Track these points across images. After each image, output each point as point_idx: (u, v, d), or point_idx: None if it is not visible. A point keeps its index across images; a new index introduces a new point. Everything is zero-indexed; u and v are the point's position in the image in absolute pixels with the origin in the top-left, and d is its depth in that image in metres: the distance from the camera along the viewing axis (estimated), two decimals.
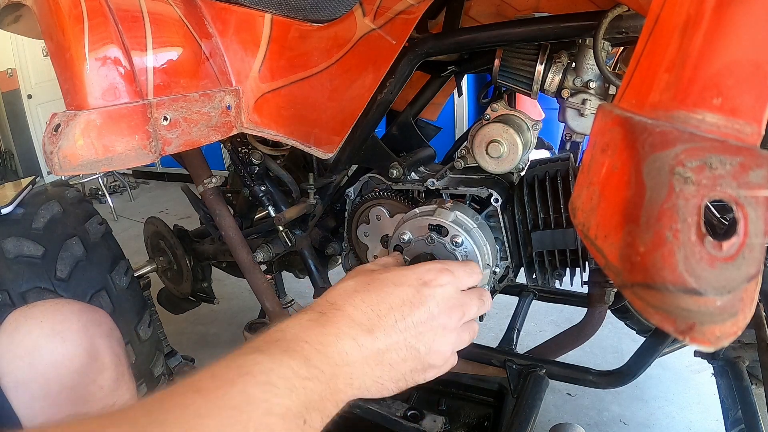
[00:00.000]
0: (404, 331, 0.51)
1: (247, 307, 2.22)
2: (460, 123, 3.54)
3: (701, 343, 0.31)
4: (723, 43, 0.30)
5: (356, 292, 0.52)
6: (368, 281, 0.53)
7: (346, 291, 0.53)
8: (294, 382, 0.40)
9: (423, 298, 0.53)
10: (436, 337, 0.53)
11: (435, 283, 0.54)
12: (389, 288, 0.52)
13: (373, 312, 0.50)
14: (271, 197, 1.13)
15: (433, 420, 0.86)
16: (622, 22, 0.68)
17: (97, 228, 1.23)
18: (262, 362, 0.40)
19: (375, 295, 0.51)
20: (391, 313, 0.51)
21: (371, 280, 0.54)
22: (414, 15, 0.79)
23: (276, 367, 0.40)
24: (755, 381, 1.08)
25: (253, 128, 0.93)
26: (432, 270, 0.56)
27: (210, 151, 1.14)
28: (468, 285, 0.60)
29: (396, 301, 0.51)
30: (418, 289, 0.53)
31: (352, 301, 0.51)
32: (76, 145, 0.70)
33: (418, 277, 0.54)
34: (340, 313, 0.49)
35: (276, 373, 0.39)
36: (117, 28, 0.75)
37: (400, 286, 0.53)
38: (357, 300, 0.51)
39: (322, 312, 0.49)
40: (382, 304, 0.51)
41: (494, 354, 1.00)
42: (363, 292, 0.52)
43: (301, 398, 0.40)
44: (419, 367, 0.53)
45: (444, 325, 0.54)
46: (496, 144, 0.83)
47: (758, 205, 0.29)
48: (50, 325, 0.66)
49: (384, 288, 0.52)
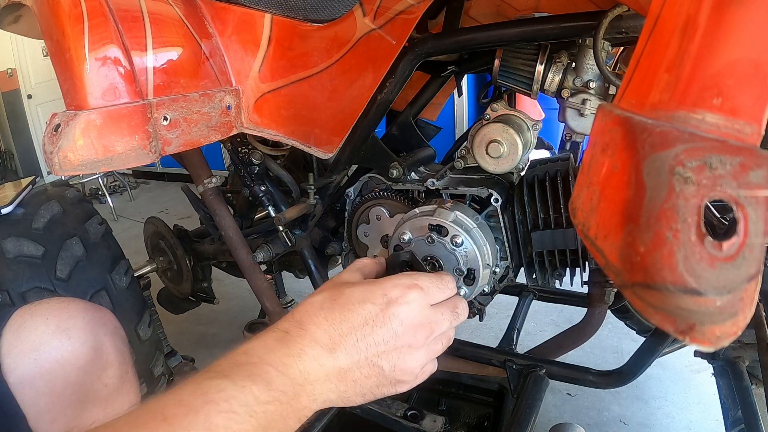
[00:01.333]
0: (366, 350, 0.50)
1: (247, 307, 2.22)
2: (460, 123, 3.54)
3: (701, 343, 0.31)
4: (723, 43, 0.30)
5: (321, 309, 0.52)
6: (335, 297, 0.53)
7: (312, 307, 0.52)
8: (255, 408, 0.42)
9: (386, 317, 0.52)
10: (400, 355, 0.52)
11: (401, 301, 0.53)
12: (353, 306, 0.51)
13: (335, 331, 0.50)
14: (271, 197, 1.13)
15: (433, 420, 0.86)
16: (622, 22, 0.68)
17: (97, 228, 1.23)
18: (225, 389, 0.42)
19: (338, 314, 0.51)
20: (353, 332, 0.50)
21: (338, 295, 0.53)
22: (414, 15, 0.79)
23: (238, 394, 0.42)
24: (755, 381, 1.08)
25: (253, 128, 0.93)
26: (399, 286, 0.54)
27: (210, 151, 1.14)
28: (439, 299, 0.57)
29: (358, 320, 0.51)
30: (382, 308, 0.52)
31: (315, 320, 0.51)
32: (76, 145, 0.70)
33: (384, 294, 0.53)
34: (303, 333, 0.49)
35: (238, 400, 0.41)
36: (117, 28, 0.75)
37: (364, 303, 0.52)
38: (320, 318, 0.51)
39: (287, 331, 0.50)
40: (344, 324, 0.50)
41: (494, 354, 1.00)
42: (327, 310, 0.51)
43: (261, 422, 0.42)
44: (385, 383, 0.53)
45: (409, 343, 0.52)
46: (496, 144, 0.83)
47: (758, 205, 0.29)
48: (56, 323, 0.67)
49: (348, 306, 0.51)
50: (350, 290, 0.53)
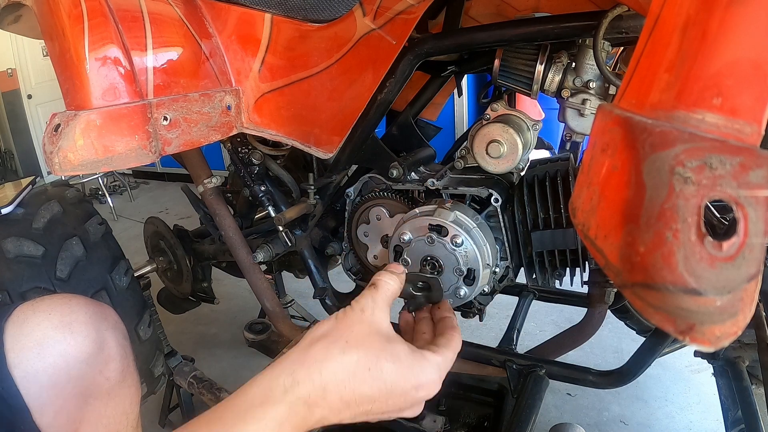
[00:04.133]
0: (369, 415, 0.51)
1: (247, 307, 2.22)
2: (460, 123, 3.54)
3: (701, 343, 0.31)
4: (723, 43, 0.30)
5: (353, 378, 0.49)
6: (370, 367, 0.50)
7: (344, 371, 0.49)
8: None
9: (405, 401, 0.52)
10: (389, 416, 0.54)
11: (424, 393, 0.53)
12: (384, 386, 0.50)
13: (354, 402, 0.49)
14: (271, 197, 1.13)
15: (433, 420, 0.86)
16: (622, 22, 0.68)
17: (97, 228, 1.23)
18: None
19: (368, 389, 0.49)
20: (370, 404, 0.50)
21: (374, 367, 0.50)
22: (414, 15, 0.79)
23: None
24: (755, 381, 1.08)
25: (253, 128, 0.93)
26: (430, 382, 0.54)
27: (210, 151, 1.14)
28: None
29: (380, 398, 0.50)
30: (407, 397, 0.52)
31: (341, 391, 0.48)
32: (76, 145, 0.70)
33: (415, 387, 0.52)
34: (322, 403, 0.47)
35: None
36: (117, 28, 0.75)
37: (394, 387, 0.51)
38: (348, 390, 0.49)
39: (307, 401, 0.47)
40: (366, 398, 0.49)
41: (494, 354, 1.00)
42: (359, 381, 0.49)
43: None
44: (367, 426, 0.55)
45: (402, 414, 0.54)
46: (496, 144, 0.83)
47: (758, 205, 0.29)
48: (58, 317, 0.67)
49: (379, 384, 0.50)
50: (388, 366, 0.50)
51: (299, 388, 0.47)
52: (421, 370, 0.53)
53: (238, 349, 1.90)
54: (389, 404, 0.51)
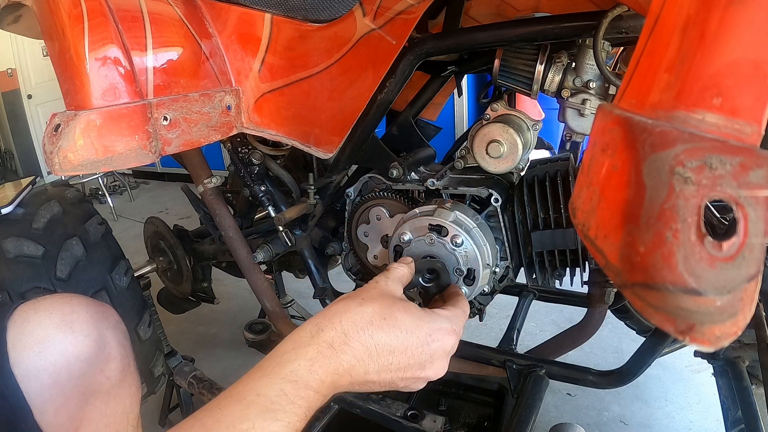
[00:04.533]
0: (395, 372, 0.56)
1: (247, 307, 2.22)
2: (460, 123, 3.54)
3: (701, 343, 0.31)
4: (723, 43, 0.30)
5: (370, 325, 0.55)
6: (385, 316, 0.56)
7: (362, 320, 0.55)
8: None
9: (423, 354, 0.57)
10: (417, 381, 0.59)
11: (440, 343, 0.59)
12: (400, 334, 0.56)
13: (375, 350, 0.54)
14: (271, 197, 1.13)
15: (433, 420, 0.86)
16: (622, 22, 0.68)
17: (97, 228, 1.23)
18: None
19: (385, 335, 0.55)
20: (391, 356, 0.55)
21: (388, 315, 0.56)
22: (414, 15, 0.79)
23: None
24: (755, 381, 1.08)
25: (253, 128, 0.93)
26: (443, 331, 0.59)
27: (210, 151, 1.14)
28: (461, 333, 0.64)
29: (399, 348, 0.56)
30: (423, 345, 0.57)
31: (361, 337, 0.54)
32: (76, 145, 0.70)
33: (429, 333, 0.58)
34: (346, 348, 0.53)
35: None
36: (117, 28, 0.75)
37: (410, 335, 0.56)
38: (366, 336, 0.54)
39: (331, 344, 0.52)
40: (386, 346, 0.55)
41: (494, 354, 1.00)
42: (376, 327, 0.55)
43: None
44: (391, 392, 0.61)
45: (428, 377, 0.59)
46: (496, 144, 0.83)
47: (758, 205, 0.29)
48: (59, 316, 0.68)
49: (396, 332, 0.56)
50: (402, 316, 0.57)
51: (323, 333, 0.53)
52: (433, 320, 0.59)
53: (238, 349, 1.90)
54: (409, 357, 0.56)
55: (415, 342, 0.56)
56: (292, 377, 0.49)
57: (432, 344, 0.58)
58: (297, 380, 0.49)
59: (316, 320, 0.55)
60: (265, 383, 0.48)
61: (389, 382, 0.56)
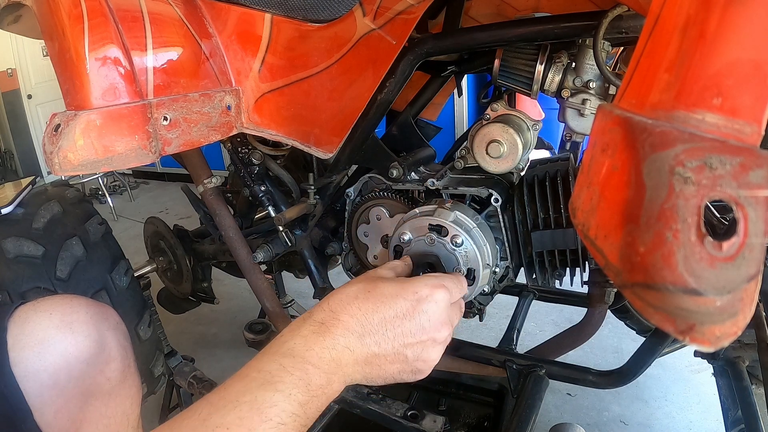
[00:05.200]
0: (394, 339, 0.56)
1: (247, 307, 2.22)
2: (460, 123, 3.54)
3: (701, 343, 0.31)
4: (723, 43, 0.30)
5: (355, 299, 0.56)
6: (369, 289, 0.57)
7: (347, 297, 0.57)
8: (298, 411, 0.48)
9: (416, 312, 0.57)
10: (425, 347, 0.58)
11: (430, 299, 0.58)
12: (386, 299, 0.56)
13: (366, 320, 0.55)
14: (271, 197, 1.13)
15: (433, 420, 0.86)
16: (622, 22, 0.68)
17: (97, 228, 1.23)
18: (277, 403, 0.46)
19: (371, 305, 0.56)
20: (384, 323, 0.55)
21: (372, 287, 0.58)
22: (414, 15, 0.79)
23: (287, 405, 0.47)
24: (755, 381, 1.08)
25: (253, 128, 0.93)
26: (428, 285, 0.59)
27: (210, 151, 1.14)
28: (457, 298, 0.64)
29: (390, 313, 0.56)
30: (413, 303, 0.57)
31: (349, 309, 0.55)
32: (76, 145, 0.70)
33: (414, 291, 0.58)
34: (336, 322, 0.54)
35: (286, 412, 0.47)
36: (117, 28, 0.75)
37: (396, 298, 0.57)
38: (354, 308, 0.55)
39: (323, 322, 0.54)
40: (376, 314, 0.55)
41: (494, 354, 1.00)
42: (362, 300, 0.56)
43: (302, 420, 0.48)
44: (407, 370, 0.58)
45: (433, 338, 0.58)
46: (496, 144, 0.83)
47: (758, 205, 0.29)
48: (59, 317, 0.68)
49: (381, 298, 0.56)
50: (384, 284, 0.58)
51: (313, 315, 0.56)
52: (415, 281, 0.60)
53: (238, 349, 1.90)
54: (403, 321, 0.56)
55: (404, 304, 0.57)
56: (290, 353, 0.51)
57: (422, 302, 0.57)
58: (294, 355, 0.50)
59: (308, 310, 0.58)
60: (265, 361, 0.50)
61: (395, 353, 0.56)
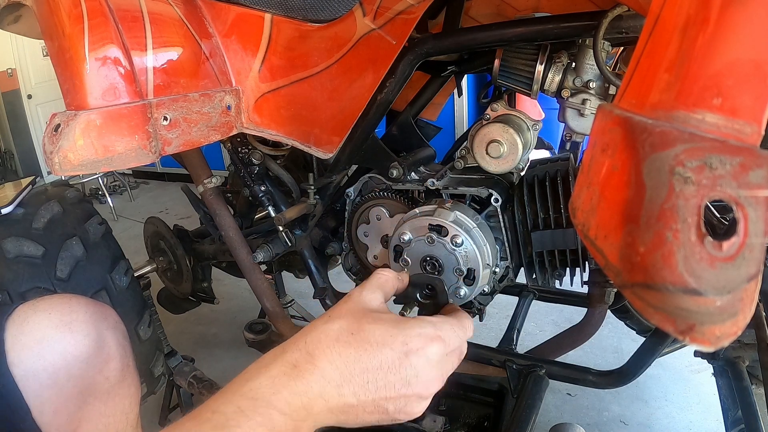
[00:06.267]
0: (375, 392, 0.49)
1: (247, 307, 2.22)
2: (460, 123, 3.54)
3: (701, 343, 0.31)
4: (723, 43, 0.30)
5: (336, 343, 0.49)
6: (354, 330, 0.50)
7: (327, 338, 0.50)
8: None
9: (403, 366, 0.50)
10: (408, 402, 0.51)
11: (421, 353, 0.51)
12: (371, 347, 0.50)
13: (347, 369, 0.48)
14: (271, 197, 1.13)
15: (433, 420, 0.86)
16: (622, 22, 0.68)
17: (97, 228, 1.23)
18: None
19: (354, 351, 0.49)
20: (365, 373, 0.49)
21: (357, 330, 0.50)
22: (414, 15, 0.79)
23: None
24: (755, 381, 1.08)
25: (253, 128, 0.93)
26: (421, 336, 0.52)
27: (210, 151, 1.14)
28: (455, 347, 0.56)
29: (373, 363, 0.49)
30: (400, 356, 0.50)
31: (328, 354, 0.49)
32: (76, 145, 0.70)
33: (405, 342, 0.51)
34: (312, 368, 0.48)
35: None
36: (117, 28, 0.75)
37: (382, 347, 0.50)
38: (334, 353, 0.49)
39: (296, 365, 0.48)
40: (358, 363, 0.49)
41: (494, 354, 1.00)
42: (343, 344, 0.49)
43: None
44: (386, 419, 0.52)
45: (419, 394, 0.51)
46: (496, 144, 0.83)
47: (758, 205, 0.29)
48: (58, 317, 0.68)
49: (365, 345, 0.50)
50: (371, 327, 0.51)
51: (286, 354, 0.49)
52: (409, 327, 0.52)
53: (238, 349, 1.90)
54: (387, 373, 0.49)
55: (390, 355, 0.50)
56: (251, 394, 0.45)
57: (410, 355, 0.50)
58: (256, 398, 0.45)
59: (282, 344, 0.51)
60: (222, 401, 0.45)
61: (374, 406, 0.50)
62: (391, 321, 0.52)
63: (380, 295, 0.57)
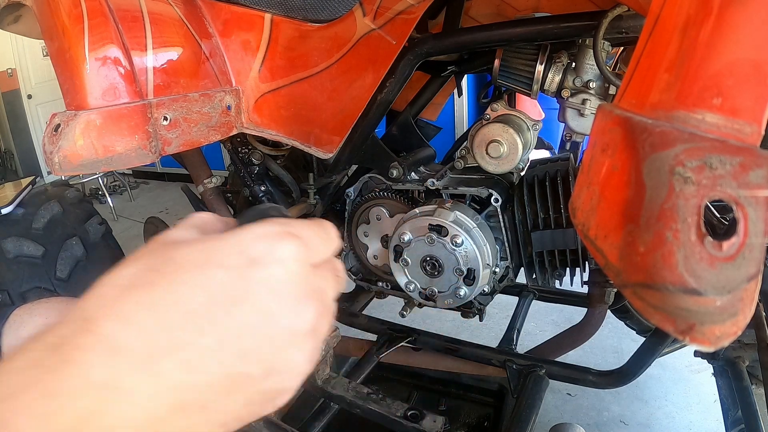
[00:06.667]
0: (219, 350, 0.28)
1: None
2: (460, 123, 3.54)
3: (701, 343, 0.31)
4: (723, 43, 0.30)
5: (132, 289, 0.28)
6: (156, 266, 0.29)
7: (114, 288, 0.29)
8: None
9: (249, 288, 0.29)
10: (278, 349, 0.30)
11: (270, 259, 0.30)
12: (189, 276, 0.28)
13: (157, 326, 0.27)
14: (271, 197, 1.13)
15: (433, 420, 0.86)
16: (622, 22, 0.68)
17: (97, 228, 1.23)
18: None
19: (162, 293, 0.28)
20: (192, 321, 0.27)
21: (162, 262, 0.29)
22: (414, 15, 0.79)
23: None
24: (755, 381, 1.08)
25: (253, 128, 0.93)
26: (265, 237, 0.31)
27: (210, 151, 1.14)
28: (321, 258, 0.34)
29: (200, 299, 0.28)
30: (240, 273, 0.29)
31: (118, 310, 0.27)
32: (76, 145, 0.70)
33: (242, 251, 0.30)
34: (90, 339, 0.26)
35: None
36: (117, 28, 0.75)
37: (206, 269, 0.29)
38: (128, 306, 0.27)
39: (60, 344, 0.26)
40: (174, 309, 0.27)
41: (494, 354, 1.00)
42: (142, 289, 0.28)
43: None
44: (257, 398, 0.30)
45: (291, 327, 0.30)
46: (496, 144, 0.83)
47: (758, 205, 0.29)
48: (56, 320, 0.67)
49: (180, 276, 0.28)
50: (182, 252, 0.30)
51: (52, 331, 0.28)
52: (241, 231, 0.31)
53: None
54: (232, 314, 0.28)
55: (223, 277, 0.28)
56: None
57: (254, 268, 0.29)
58: None
59: None
60: None
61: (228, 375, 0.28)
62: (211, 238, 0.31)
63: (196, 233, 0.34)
